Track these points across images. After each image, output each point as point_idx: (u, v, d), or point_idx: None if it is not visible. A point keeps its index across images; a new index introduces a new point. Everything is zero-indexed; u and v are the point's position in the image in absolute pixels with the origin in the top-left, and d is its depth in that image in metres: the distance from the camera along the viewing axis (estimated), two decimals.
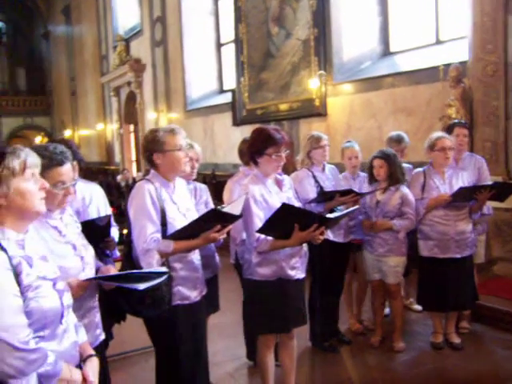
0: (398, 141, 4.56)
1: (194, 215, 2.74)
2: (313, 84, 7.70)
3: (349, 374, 3.79)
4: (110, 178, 15.68)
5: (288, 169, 5.04)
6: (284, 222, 2.74)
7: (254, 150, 2.97)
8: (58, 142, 3.08)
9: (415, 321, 4.74)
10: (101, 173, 16.84)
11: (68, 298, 1.77)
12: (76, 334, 1.82)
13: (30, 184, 1.67)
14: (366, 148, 5.81)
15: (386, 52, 7.62)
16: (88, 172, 17.18)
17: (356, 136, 7.00)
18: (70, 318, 1.79)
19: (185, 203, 2.77)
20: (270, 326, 2.99)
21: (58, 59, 23.01)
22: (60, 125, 23.64)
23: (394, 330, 4.15)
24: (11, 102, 24.20)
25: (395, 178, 3.90)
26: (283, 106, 8.64)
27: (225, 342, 4.40)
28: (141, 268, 2.52)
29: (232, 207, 2.62)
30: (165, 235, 2.58)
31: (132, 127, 16.20)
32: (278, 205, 2.75)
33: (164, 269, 2.33)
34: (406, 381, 3.68)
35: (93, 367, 1.82)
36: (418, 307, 4.62)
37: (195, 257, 2.78)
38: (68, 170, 2.12)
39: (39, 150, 1.89)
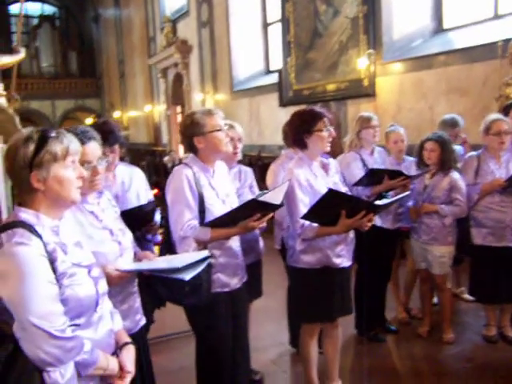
0: (452, 125, 4.33)
1: (233, 201, 2.68)
2: (361, 63, 7.45)
3: (394, 364, 3.69)
4: (157, 159, 15.87)
5: (335, 151, 4.91)
6: (330, 208, 2.63)
7: (302, 130, 2.85)
8: (101, 123, 3.08)
9: (466, 311, 4.55)
10: (148, 154, 17.07)
11: (103, 285, 1.74)
12: (111, 321, 1.80)
13: (69, 171, 1.63)
14: (416, 130, 5.59)
15: (439, 29, 7.26)
16: (136, 153, 17.50)
17: (406, 117, 6.78)
18: (105, 305, 1.76)
19: (224, 189, 2.69)
20: (314, 315, 2.92)
21: (108, 42, 23.36)
22: (109, 106, 24.10)
23: (443, 321, 3.99)
24: (63, 85, 24.79)
25: (447, 164, 3.70)
26: (330, 87, 8.43)
27: (268, 327, 4.36)
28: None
29: (273, 195, 2.53)
30: (203, 221, 2.52)
31: (179, 108, 16.27)
32: (323, 190, 2.64)
33: (205, 253, 2.27)
34: (456, 375, 3.52)
35: (129, 356, 1.78)
36: (470, 297, 4.43)
37: (235, 243, 2.71)
38: (92, 148, 2.06)
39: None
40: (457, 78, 6.23)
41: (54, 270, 1.54)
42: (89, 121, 23.51)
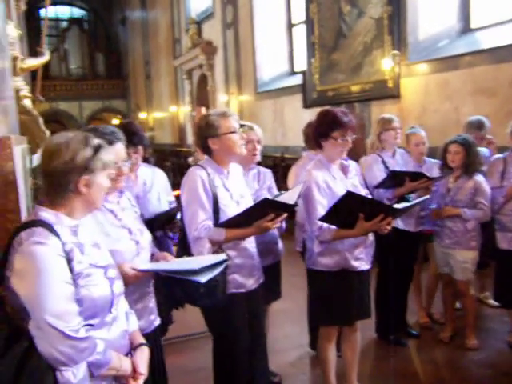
0: (478, 126, 4.24)
1: (248, 202, 2.67)
2: (386, 64, 7.37)
3: (415, 369, 3.62)
4: (182, 159, 15.98)
5: (359, 152, 4.87)
6: (348, 210, 2.60)
7: (319, 133, 2.84)
8: (124, 124, 3.11)
9: (491, 317, 4.45)
10: (173, 154, 17.20)
11: (119, 286, 1.75)
12: (126, 322, 1.81)
13: (107, 181, 1.70)
14: (441, 132, 5.50)
15: (466, 29, 7.13)
16: (161, 154, 17.65)
17: (431, 119, 6.68)
18: (121, 305, 1.77)
19: (239, 190, 2.69)
20: (332, 318, 2.89)
21: (134, 44, 23.65)
22: (135, 107, 24.39)
23: (466, 327, 3.91)
24: (91, 87, 25.23)
25: (472, 167, 3.63)
26: (355, 88, 8.36)
27: (288, 328, 4.35)
28: (192, 255, 2.49)
29: (287, 196, 2.52)
30: (217, 222, 2.52)
31: (204, 110, 16.36)
32: (342, 192, 2.62)
33: (222, 256, 2.28)
34: (479, 382, 3.45)
35: (143, 357, 1.79)
36: (494, 302, 4.33)
37: (250, 244, 2.70)
38: (119, 149, 2.11)
39: (89, 132, 1.87)
40: (483, 79, 6.11)
41: (71, 270, 1.56)
42: (115, 121, 23.87)
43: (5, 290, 1.52)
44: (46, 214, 1.60)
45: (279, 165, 9.59)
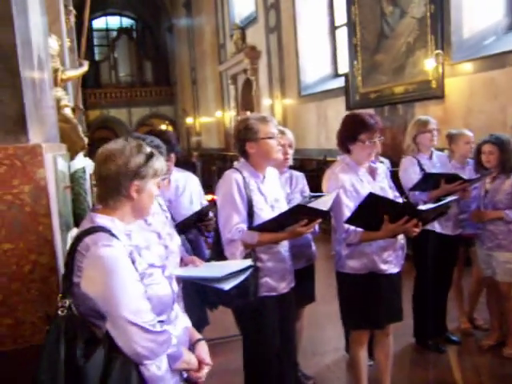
0: None
1: (283, 207, 2.69)
2: (429, 65, 7.22)
3: (454, 377, 3.51)
4: (228, 163, 16.15)
5: (398, 155, 4.78)
6: (373, 212, 2.58)
7: (346, 136, 2.85)
8: (158, 132, 3.20)
9: None
10: (219, 159, 17.40)
11: (175, 285, 1.82)
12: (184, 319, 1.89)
13: (156, 188, 1.75)
14: (487, 133, 5.32)
15: None
16: (208, 158, 17.89)
17: (476, 120, 6.49)
18: (177, 304, 1.84)
19: (274, 194, 2.71)
20: (362, 322, 2.86)
21: (181, 51, 24.14)
22: (182, 113, 24.85)
23: (508, 333, 3.78)
24: (139, 93, 25.96)
25: (508, 166, 3.52)
26: (398, 89, 8.23)
27: (326, 332, 4.35)
28: (226, 257, 2.53)
29: (321, 201, 2.53)
30: (251, 226, 2.55)
31: (249, 114, 16.48)
32: None
33: (248, 262, 2.32)
34: None
35: (204, 350, 1.85)
36: None
37: (283, 248, 2.71)
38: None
39: None
40: None
41: (136, 270, 1.62)
42: (163, 127, 24.42)
43: (74, 296, 1.57)
44: (103, 220, 1.66)
45: (322, 168, 9.54)
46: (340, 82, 10.37)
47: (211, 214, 3.03)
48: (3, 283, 1.85)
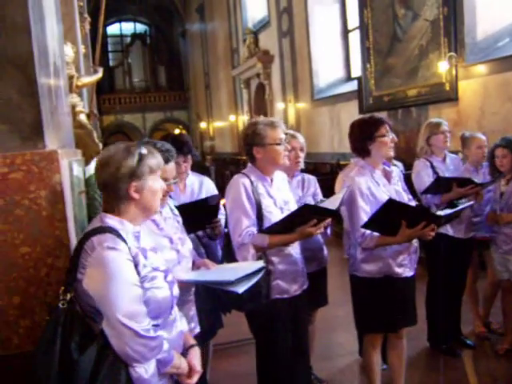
0: None
1: (292, 208, 2.70)
2: (442, 67, 7.19)
3: (468, 382, 3.48)
4: (241, 168, 16.15)
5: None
6: (390, 217, 2.59)
7: (363, 138, 2.85)
8: (176, 135, 3.24)
9: None
10: (233, 163, 17.44)
11: (176, 290, 1.84)
12: (181, 323, 1.91)
13: (159, 183, 1.78)
14: (502, 135, 5.29)
15: None
16: (221, 162, 17.93)
17: (490, 122, 6.44)
18: (176, 308, 1.87)
19: (282, 197, 2.73)
20: (376, 325, 2.87)
21: (194, 55, 24.29)
22: (196, 117, 24.98)
23: None
24: (153, 98, 26.16)
25: None
26: (411, 92, 8.20)
27: (340, 335, 4.34)
28: (237, 260, 2.55)
29: (329, 201, 2.54)
30: (261, 229, 2.57)
31: (257, 118, 16.49)
32: (385, 198, 2.61)
33: (260, 263, 2.33)
34: None
35: (197, 356, 1.87)
36: None
37: (294, 250, 2.72)
38: (172, 168, 2.24)
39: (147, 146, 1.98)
40: None
41: (138, 274, 1.66)
42: (177, 131, 24.58)
43: (76, 291, 1.63)
44: (112, 221, 1.70)
45: (336, 171, 9.52)
46: (353, 86, 10.36)
47: (219, 216, 3.05)
48: (21, 286, 1.89)
